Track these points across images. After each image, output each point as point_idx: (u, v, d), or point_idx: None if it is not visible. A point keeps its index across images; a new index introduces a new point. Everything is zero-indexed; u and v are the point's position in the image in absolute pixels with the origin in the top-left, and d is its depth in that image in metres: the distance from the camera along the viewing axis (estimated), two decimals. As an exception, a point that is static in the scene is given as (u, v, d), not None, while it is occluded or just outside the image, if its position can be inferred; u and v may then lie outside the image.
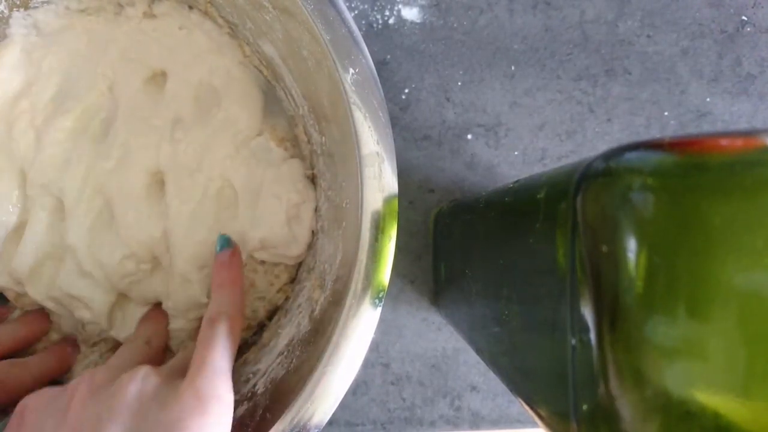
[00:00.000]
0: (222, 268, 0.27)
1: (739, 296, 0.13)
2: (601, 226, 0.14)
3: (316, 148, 0.29)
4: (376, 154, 0.23)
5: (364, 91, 0.23)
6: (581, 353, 0.15)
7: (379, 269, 0.23)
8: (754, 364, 0.13)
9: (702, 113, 0.37)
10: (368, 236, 0.23)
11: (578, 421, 0.15)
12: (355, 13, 0.35)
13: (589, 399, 0.15)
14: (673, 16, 0.37)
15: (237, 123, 0.29)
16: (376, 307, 0.23)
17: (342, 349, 0.22)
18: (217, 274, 0.27)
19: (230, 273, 0.27)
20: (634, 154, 0.14)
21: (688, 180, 0.13)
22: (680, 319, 0.13)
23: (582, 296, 0.14)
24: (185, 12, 0.30)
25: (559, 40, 0.36)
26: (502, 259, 0.22)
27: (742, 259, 0.13)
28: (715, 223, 0.13)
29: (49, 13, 0.30)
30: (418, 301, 0.36)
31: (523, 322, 0.20)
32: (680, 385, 0.13)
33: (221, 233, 0.29)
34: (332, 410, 0.22)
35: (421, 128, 0.36)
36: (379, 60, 0.35)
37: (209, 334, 0.24)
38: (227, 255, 0.28)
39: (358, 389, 0.36)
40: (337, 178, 0.26)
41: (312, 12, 0.22)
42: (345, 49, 0.23)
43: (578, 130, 0.36)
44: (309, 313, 0.26)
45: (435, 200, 0.36)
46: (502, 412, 0.36)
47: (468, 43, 0.36)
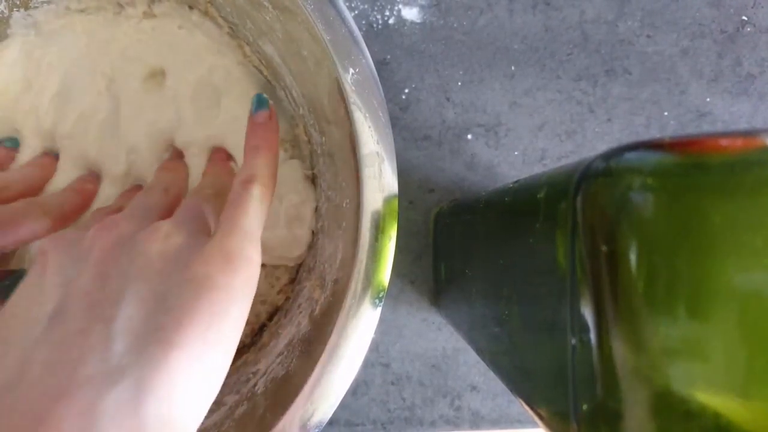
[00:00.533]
0: (258, 129, 0.26)
1: (739, 296, 0.13)
2: (601, 226, 0.14)
3: (316, 148, 0.29)
4: (376, 154, 0.23)
5: (364, 91, 0.23)
6: (581, 353, 0.15)
7: (379, 269, 0.23)
8: (754, 364, 0.13)
9: (702, 113, 0.37)
10: (368, 236, 0.23)
11: (578, 421, 0.15)
12: (355, 13, 0.35)
13: (589, 399, 0.15)
14: (673, 16, 0.37)
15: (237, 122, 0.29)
16: (376, 307, 0.23)
17: (342, 349, 0.22)
18: (253, 135, 0.25)
19: (266, 135, 0.25)
20: (634, 154, 0.14)
21: (688, 180, 0.13)
22: (680, 319, 0.13)
23: (582, 296, 0.14)
24: (185, 12, 0.30)
25: (559, 40, 0.36)
26: (502, 259, 0.22)
27: (742, 259, 0.13)
28: (715, 223, 0.13)
29: (49, 13, 0.30)
30: (418, 301, 0.36)
31: (523, 322, 0.20)
32: (680, 385, 0.13)
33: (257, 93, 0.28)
34: (332, 410, 0.22)
35: (421, 128, 0.36)
36: (379, 60, 0.35)
37: (242, 195, 0.22)
38: (264, 116, 0.26)
39: (358, 389, 0.36)
40: (337, 178, 0.26)
41: (312, 12, 0.22)
42: (345, 49, 0.23)
43: (578, 130, 0.36)
44: (309, 314, 0.26)
45: (435, 200, 0.36)
46: (502, 412, 0.36)
47: (468, 43, 0.36)
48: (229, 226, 0.21)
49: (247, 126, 0.26)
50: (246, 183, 0.23)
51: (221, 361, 0.19)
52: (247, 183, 0.23)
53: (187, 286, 0.19)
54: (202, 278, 0.19)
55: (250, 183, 0.23)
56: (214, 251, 0.20)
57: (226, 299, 0.19)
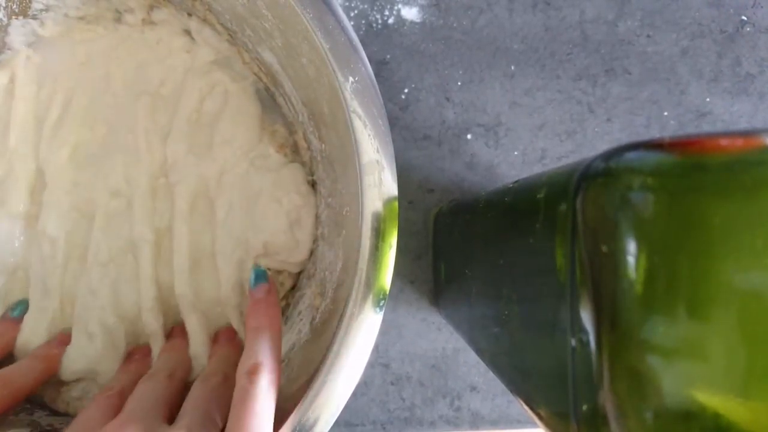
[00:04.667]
0: (258, 306, 0.25)
1: (739, 296, 0.13)
2: (601, 226, 0.14)
3: (316, 154, 0.29)
4: (376, 162, 0.23)
5: (364, 99, 0.23)
6: (581, 354, 0.15)
7: (380, 276, 0.22)
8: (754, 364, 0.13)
9: (702, 113, 0.37)
10: (369, 244, 0.22)
11: (578, 421, 0.15)
12: (355, 12, 0.35)
13: (589, 399, 0.15)
14: (673, 16, 0.37)
15: (234, 141, 0.30)
16: (377, 313, 0.23)
17: (343, 356, 0.22)
18: (253, 315, 0.24)
19: (268, 312, 0.24)
20: (633, 154, 0.14)
21: (688, 180, 0.13)
22: (680, 319, 0.13)
23: (582, 296, 0.14)
24: (184, 19, 0.30)
25: (558, 40, 0.36)
26: (502, 259, 0.22)
27: (742, 259, 0.13)
28: (715, 223, 0.13)
29: (47, 21, 0.30)
30: (418, 301, 0.36)
31: (523, 323, 0.20)
32: (680, 385, 0.13)
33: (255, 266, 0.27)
34: (335, 418, 0.22)
35: (421, 128, 0.36)
36: (379, 60, 0.35)
37: (248, 392, 0.21)
38: (263, 291, 0.25)
39: (358, 389, 0.36)
40: (337, 186, 0.26)
41: (311, 20, 0.22)
42: (344, 57, 0.23)
43: (578, 130, 0.36)
44: (310, 321, 0.26)
45: (435, 200, 0.36)
46: (502, 412, 0.36)
47: (468, 42, 0.36)
48: None
49: (249, 302, 0.25)
50: (251, 374, 0.22)
51: None
52: (252, 374, 0.22)
53: None
54: None
55: (255, 374, 0.22)
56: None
57: None
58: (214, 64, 0.30)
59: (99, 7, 0.30)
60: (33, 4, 0.29)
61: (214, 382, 0.24)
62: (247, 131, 0.30)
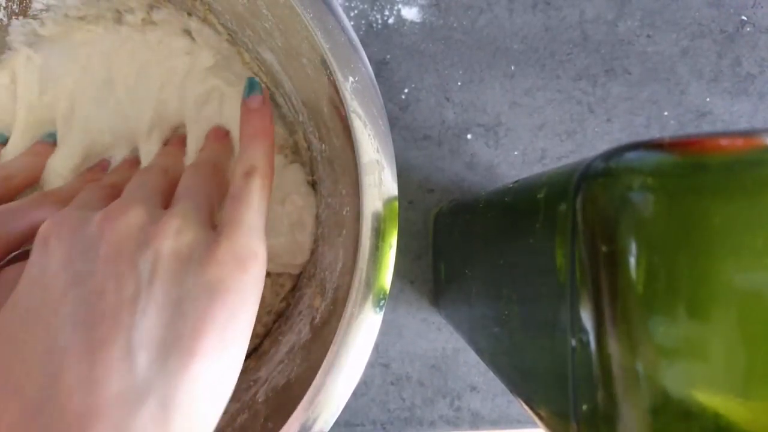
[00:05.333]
0: (252, 116, 0.25)
1: (739, 296, 0.13)
2: (601, 226, 0.14)
3: (316, 155, 0.29)
4: (376, 162, 0.23)
5: (364, 99, 0.23)
6: (581, 354, 0.15)
7: (380, 276, 0.23)
8: (754, 364, 0.13)
9: (702, 113, 0.37)
10: (369, 244, 0.23)
11: (578, 421, 0.15)
12: (355, 12, 0.35)
13: (589, 399, 0.15)
14: (673, 16, 0.37)
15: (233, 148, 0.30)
16: (377, 313, 0.23)
17: (343, 356, 0.22)
18: (248, 123, 0.25)
19: (262, 121, 0.25)
20: (634, 154, 0.14)
21: (688, 180, 0.13)
22: (680, 319, 0.13)
23: (582, 297, 0.14)
24: (184, 19, 0.30)
25: (558, 40, 0.36)
26: (502, 259, 0.22)
27: (742, 259, 0.13)
28: (715, 223, 0.13)
29: (47, 21, 0.30)
30: (418, 301, 0.36)
31: (523, 322, 0.20)
32: (680, 385, 0.13)
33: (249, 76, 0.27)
34: (335, 418, 0.22)
35: (421, 128, 0.36)
36: (379, 60, 0.35)
37: (243, 189, 0.22)
38: (258, 100, 0.26)
39: (358, 389, 0.36)
40: (337, 186, 0.26)
41: (311, 20, 0.22)
42: (344, 57, 0.23)
43: (578, 130, 0.36)
44: (310, 321, 0.26)
45: (435, 200, 0.36)
46: (502, 412, 0.36)
47: (468, 43, 0.36)
48: (236, 222, 0.21)
49: (241, 111, 0.26)
50: (247, 175, 0.23)
51: (237, 361, 0.19)
52: (247, 175, 0.23)
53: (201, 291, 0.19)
54: (216, 282, 0.19)
55: (250, 175, 0.23)
56: (225, 253, 0.20)
57: (239, 300, 0.19)
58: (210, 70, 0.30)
59: (99, 7, 0.30)
60: (33, 4, 0.29)
61: (205, 170, 0.25)
62: None
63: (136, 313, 0.18)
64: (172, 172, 0.26)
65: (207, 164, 0.26)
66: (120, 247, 0.19)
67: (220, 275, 0.19)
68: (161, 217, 0.21)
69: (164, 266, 0.19)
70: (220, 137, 0.29)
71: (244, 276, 0.20)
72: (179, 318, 0.18)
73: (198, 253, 0.20)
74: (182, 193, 0.23)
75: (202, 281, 0.19)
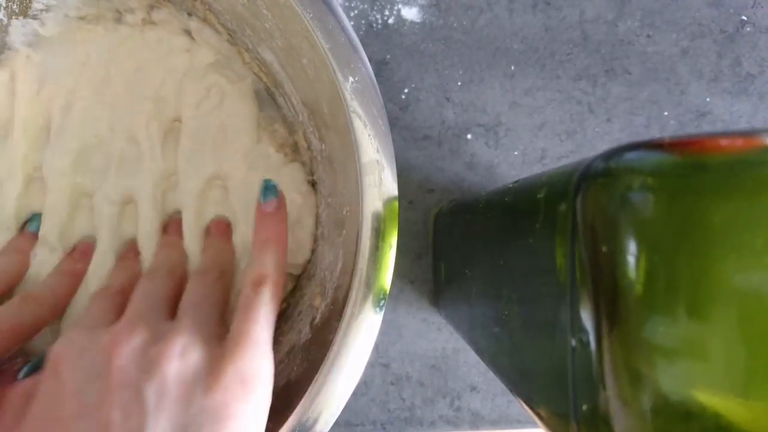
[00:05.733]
0: (267, 220, 0.25)
1: (739, 296, 0.13)
2: (601, 226, 0.14)
3: (316, 154, 0.29)
4: (376, 162, 0.23)
5: (364, 99, 0.23)
6: (581, 354, 0.15)
7: (380, 276, 0.23)
8: (754, 364, 0.13)
9: (702, 113, 0.37)
10: (369, 244, 0.23)
11: (578, 421, 0.15)
12: (355, 12, 0.35)
13: (588, 399, 0.15)
14: (673, 16, 0.37)
15: (232, 143, 0.30)
16: (377, 313, 0.23)
17: (343, 356, 0.22)
18: (262, 227, 0.25)
19: (276, 227, 0.25)
20: (633, 154, 0.14)
21: (688, 180, 0.13)
22: (680, 319, 0.13)
23: (581, 297, 0.14)
24: (184, 19, 0.30)
25: (558, 39, 0.36)
26: (502, 260, 0.22)
27: (742, 259, 0.13)
28: (715, 223, 0.13)
29: (48, 21, 0.30)
30: (418, 301, 0.36)
31: (523, 323, 0.20)
32: (680, 385, 0.13)
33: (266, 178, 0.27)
34: (335, 418, 0.22)
35: (421, 128, 0.36)
36: (379, 60, 0.35)
37: (253, 300, 0.22)
38: (273, 204, 0.25)
39: (358, 389, 0.36)
40: (337, 186, 0.26)
41: (311, 20, 0.22)
42: (344, 57, 0.23)
43: (578, 130, 0.36)
44: (310, 321, 0.26)
45: (435, 200, 0.36)
46: (502, 412, 0.36)
47: (468, 43, 0.36)
48: (242, 339, 0.21)
49: (256, 215, 0.26)
50: (256, 285, 0.23)
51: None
52: (257, 285, 0.23)
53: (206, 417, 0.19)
54: (221, 407, 0.19)
55: (260, 285, 0.23)
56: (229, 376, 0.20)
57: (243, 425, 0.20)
58: (210, 67, 0.30)
59: (99, 7, 0.30)
60: (33, 4, 0.29)
61: (210, 278, 0.25)
62: (244, 133, 0.30)
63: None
64: (179, 271, 0.26)
65: (213, 271, 0.26)
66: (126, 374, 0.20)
67: (224, 400, 0.19)
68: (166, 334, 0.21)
69: (169, 393, 0.19)
70: (222, 231, 0.29)
71: (248, 399, 0.20)
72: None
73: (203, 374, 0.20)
74: (187, 305, 0.23)
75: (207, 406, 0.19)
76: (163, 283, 0.25)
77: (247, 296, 0.22)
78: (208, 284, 0.25)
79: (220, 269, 0.26)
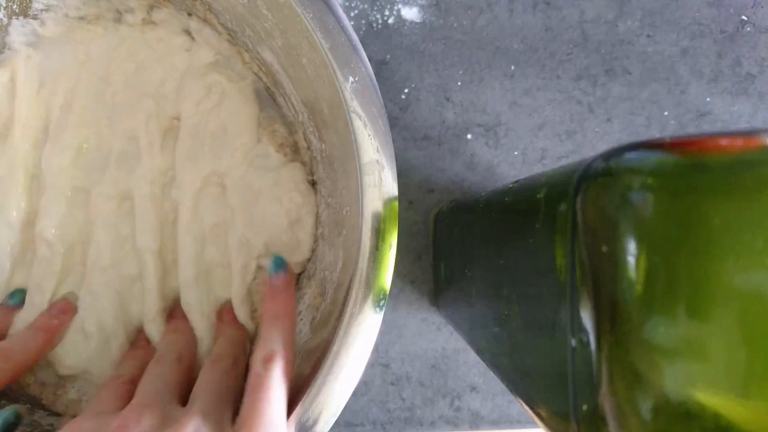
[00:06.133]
0: (277, 295, 0.25)
1: (739, 296, 0.13)
2: (601, 226, 0.14)
3: (316, 154, 0.29)
4: (376, 162, 0.23)
5: (364, 99, 0.23)
6: (581, 354, 0.15)
7: (380, 276, 0.22)
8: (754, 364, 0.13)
9: (702, 113, 0.37)
10: (369, 244, 0.23)
11: (578, 421, 0.15)
12: (355, 12, 0.35)
13: (589, 399, 0.15)
14: (673, 16, 0.37)
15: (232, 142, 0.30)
16: (377, 314, 0.23)
17: (343, 356, 0.22)
18: (271, 303, 0.25)
19: (286, 303, 0.25)
20: (634, 154, 0.14)
21: (688, 180, 0.13)
22: (680, 319, 0.13)
23: (581, 297, 0.14)
24: (184, 19, 0.30)
25: (558, 40, 0.36)
26: (502, 259, 0.22)
27: (742, 259, 0.13)
28: (715, 223, 0.13)
29: (48, 21, 0.30)
30: (418, 301, 0.36)
31: (523, 323, 0.20)
32: (680, 385, 0.13)
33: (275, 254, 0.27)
34: (335, 418, 0.22)
35: (421, 128, 0.36)
36: (379, 60, 0.35)
37: (263, 378, 0.22)
38: (282, 281, 0.25)
39: (358, 389, 0.36)
40: (337, 186, 0.26)
41: (311, 20, 0.22)
42: (344, 57, 0.23)
43: (578, 130, 0.36)
44: (310, 321, 0.26)
45: (435, 200, 0.36)
46: (502, 412, 0.36)
47: (468, 43, 0.36)
48: (255, 420, 0.20)
49: (266, 290, 0.26)
50: (267, 362, 0.22)
51: None
52: (267, 362, 0.22)
53: None
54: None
55: (270, 362, 0.22)
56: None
57: None
58: (211, 66, 0.30)
59: (99, 7, 0.30)
60: (33, 4, 0.29)
61: (224, 364, 0.24)
62: (244, 132, 0.30)
63: None
64: (187, 356, 0.26)
65: (226, 357, 0.25)
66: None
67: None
68: (177, 420, 0.20)
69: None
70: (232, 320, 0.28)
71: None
72: None
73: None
74: (199, 390, 0.23)
75: None
76: (171, 368, 0.25)
77: (258, 375, 0.22)
78: (222, 371, 0.24)
79: (233, 356, 0.25)
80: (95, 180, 0.29)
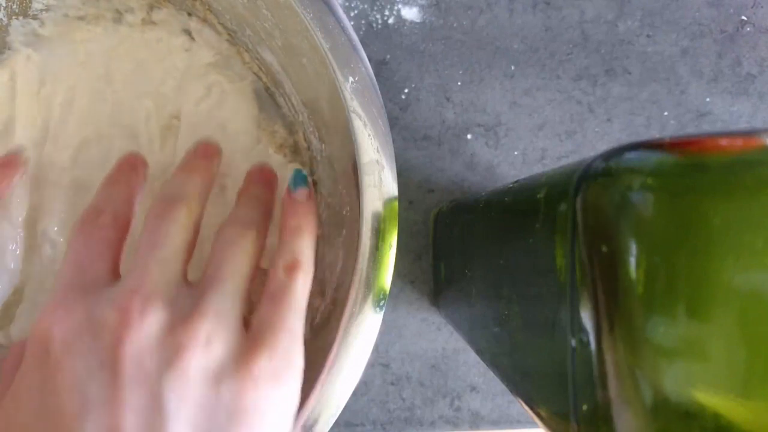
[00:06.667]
0: (299, 207, 0.23)
1: (739, 296, 0.13)
2: (601, 226, 0.14)
3: (316, 155, 0.29)
4: (376, 162, 0.23)
5: (364, 99, 0.23)
6: (581, 354, 0.15)
7: (380, 276, 0.22)
8: (754, 364, 0.13)
9: (702, 113, 0.37)
10: (369, 244, 0.22)
11: (578, 421, 0.15)
12: (355, 12, 0.35)
13: (589, 399, 0.15)
14: (673, 16, 0.37)
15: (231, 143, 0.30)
16: (377, 314, 0.23)
17: (343, 356, 0.22)
18: (293, 215, 0.23)
19: (308, 216, 0.23)
20: (634, 154, 0.14)
21: (688, 180, 0.13)
22: (680, 319, 0.13)
23: (581, 297, 0.14)
24: (184, 19, 0.30)
25: (558, 39, 0.36)
26: (502, 259, 0.22)
27: (742, 259, 0.13)
28: (715, 223, 0.13)
29: (47, 21, 0.30)
30: (418, 301, 0.36)
31: (523, 322, 0.20)
32: (680, 385, 0.13)
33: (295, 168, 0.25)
34: (335, 418, 0.22)
35: (421, 128, 0.36)
36: (379, 60, 0.35)
37: (287, 286, 0.20)
38: (304, 194, 0.24)
39: (358, 389, 0.36)
40: (337, 186, 0.26)
41: (311, 20, 0.22)
42: (344, 57, 0.23)
43: (578, 130, 0.36)
44: (309, 321, 0.26)
45: (435, 200, 0.36)
46: (502, 412, 0.36)
47: (468, 43, 0.36)
48: (277, 327, 0.19)
49: (285, 202, 0.24)
50: (290, 270, 0.21)
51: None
52: (291, 270, 0.21)
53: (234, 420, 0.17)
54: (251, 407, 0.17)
55: (294, 270, 0.21)
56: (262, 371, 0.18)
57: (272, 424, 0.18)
58: (210, 66, 0.30)
59: (99, 7, 0.30)
60: (33, 4, 0.29)
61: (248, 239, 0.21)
62: (243, 132, 0.30)
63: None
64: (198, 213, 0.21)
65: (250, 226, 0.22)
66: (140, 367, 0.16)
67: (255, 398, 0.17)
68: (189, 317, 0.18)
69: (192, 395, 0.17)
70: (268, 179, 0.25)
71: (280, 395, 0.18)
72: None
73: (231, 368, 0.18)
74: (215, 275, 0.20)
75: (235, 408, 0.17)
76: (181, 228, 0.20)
77: (280, 281, 0.20)
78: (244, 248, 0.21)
79: (257, 227, 0.22)
80: (96, 178, 0.29)
